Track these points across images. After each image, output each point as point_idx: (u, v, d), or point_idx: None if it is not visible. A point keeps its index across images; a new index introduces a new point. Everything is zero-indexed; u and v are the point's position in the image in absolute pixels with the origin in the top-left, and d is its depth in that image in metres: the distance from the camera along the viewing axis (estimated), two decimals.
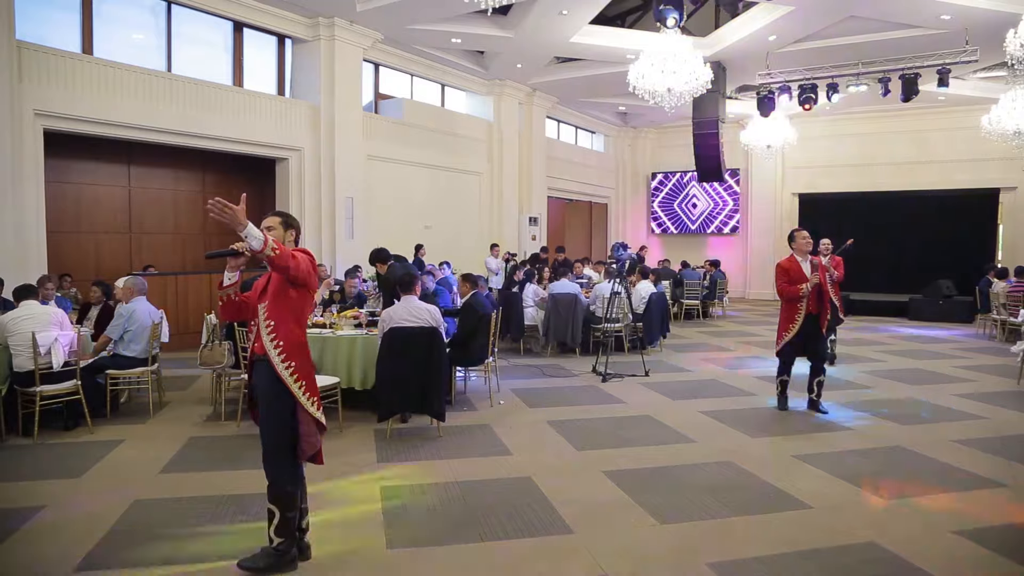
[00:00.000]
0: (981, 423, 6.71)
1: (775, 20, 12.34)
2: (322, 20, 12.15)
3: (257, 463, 5.38)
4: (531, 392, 7.95)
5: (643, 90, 11.12)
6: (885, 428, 6.52)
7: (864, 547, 3.96)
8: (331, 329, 6.98)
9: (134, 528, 4.15)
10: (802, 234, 7.00)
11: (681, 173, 21.63)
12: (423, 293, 6.82)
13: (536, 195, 18.01)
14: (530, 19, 12.51)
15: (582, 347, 10.29)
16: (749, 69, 14.58)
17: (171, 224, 12.46)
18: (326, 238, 12.72)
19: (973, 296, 14.04)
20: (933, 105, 17.12)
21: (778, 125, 16.21)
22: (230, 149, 11.69)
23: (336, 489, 4.82)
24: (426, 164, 15.07)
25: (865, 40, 12.99)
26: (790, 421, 6.77)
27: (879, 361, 10.17)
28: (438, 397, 6.05)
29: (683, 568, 3.70)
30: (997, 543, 3.99)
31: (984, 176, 17.55)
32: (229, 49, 11.98)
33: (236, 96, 11.61)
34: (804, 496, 4.72)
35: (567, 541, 4.02)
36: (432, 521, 4.29)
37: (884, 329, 13.91)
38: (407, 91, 15.34)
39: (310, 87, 12.65)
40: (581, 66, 15.73)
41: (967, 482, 5.04)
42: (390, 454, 5.63)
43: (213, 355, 6.69)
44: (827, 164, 19.61)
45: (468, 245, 15.85)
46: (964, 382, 8.69)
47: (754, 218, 20.87)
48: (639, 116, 20.80)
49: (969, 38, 12.06)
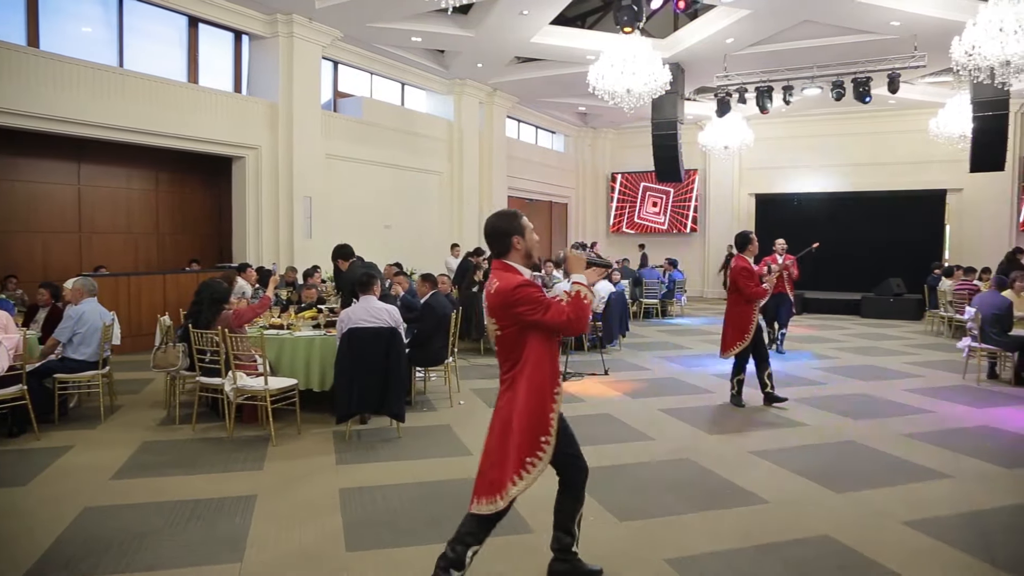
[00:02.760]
0: (929, 417, 6.91)
1: (732, 23, 12.52)
2: (280, 17, 11.99)
3: (212, 467, 5.33)
4: (491, 392, 7.89)
5: (603, 91, 11.20)
6: (838, 423, 6.67)
7: (819, 540, 4.04)
8: (289, 330, 6.89)
9: (84, 537, 4.04)
10: (753, 237, 7.20)
11: (640, 173, 21.82)
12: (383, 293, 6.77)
13: (497, 195, 18.01)
14: (491, 19, 12.50)
15: None
16: (707, 71, 14.77)
17: (123, 223, 12.17)
18: (284, 238, 12.55)
19: (922, 294, 14.44)
20: (884, 108, 17.55)
21: (735, 126, 16.47)
22: (185, 147, 11.47)
23: (294, 492, 4.76)
24: (386, 163, 14.97)
25: (819, 44, 13.26)
26: (746, 418, 6.88)
27: (833, 358, 10.39)
28: (397, 398, 6.02)
29: (642, 564, 3.73)
30: (944, 532, 4.12)
31: (932, 178, 18.06)
32: (184, 45, 11.75)
33: (191, 93, 11.40)
34: (760, 491, 4.80)
35: (527, 540, 4.03)
36: (392, 523, 4.26)
37: (838, 326, 14.22)
38: (367, 90, 15.22)
39: (268, 85, 12.47)
40: (541, 66, 15.78)
41: (916, 474, 5.19)
42: (349, 456, 5.58)
43: (167, 357, 6.55)
44: (783, 165, 19.98)
45: (428, 245, 15.78)
46: (913, 377, 8.92)
47: (712, 218, 21.16)
48: (599, 116, 20.94)
49: (917, 44, 12.40)
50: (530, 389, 3.13)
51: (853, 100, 13.79)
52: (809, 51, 13.50)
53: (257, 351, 6.12)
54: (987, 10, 8.89)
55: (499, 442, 3.14)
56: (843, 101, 14.06)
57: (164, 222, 12.81)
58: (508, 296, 3.08)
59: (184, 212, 13.09)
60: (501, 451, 3.13)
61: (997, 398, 7.77)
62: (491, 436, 3.19)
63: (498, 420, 3.18)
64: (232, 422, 6.03)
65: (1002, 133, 13.06)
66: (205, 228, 13.42)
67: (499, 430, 3.15)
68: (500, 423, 3.16)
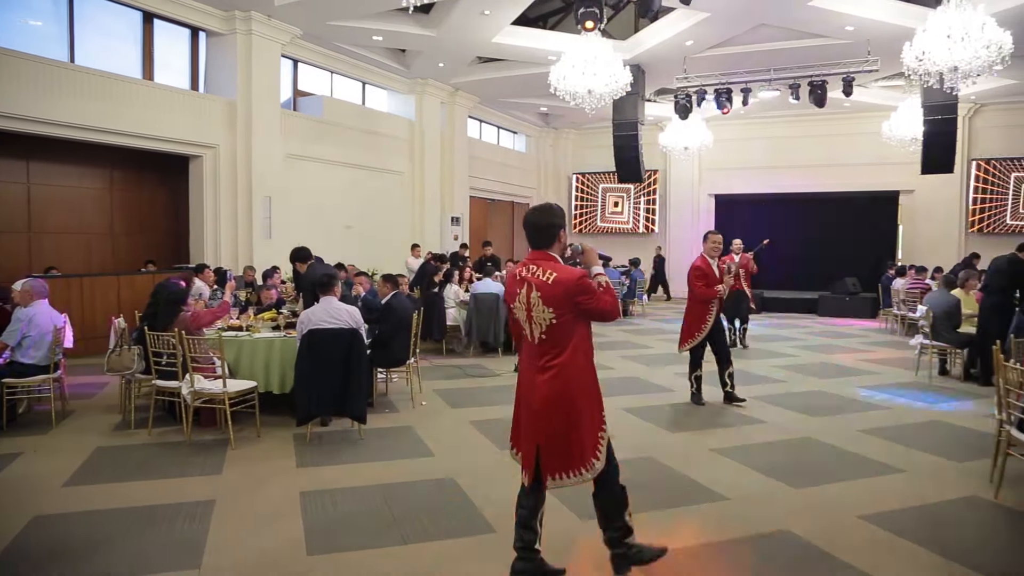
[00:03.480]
0: (883, 413, 7.08)
1: (692, 26, 12.68)
2: (238, 14, 11.81)
3: (169, 472, 5.22)
4: (453, 392, 7.93)
5: (564, 91, 11.25)
6: (796, 420, 6.79)
7: (778, 535, 4.12)
8: (248, 331, 6.79)
9: (33, 547, 3.92)
10: (714, 237, 7.29)
11: (602, 173, 21.96)
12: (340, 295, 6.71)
13: (458, 195, 17.98)
14: (452, 18, 12.48)
15: (504, 346, 10.33)
16: (667, 73, 14.94)
17: (76, 223, 11.87)
18: (242, 238, 12.37)
19: (876, 293, 14.79)
20: (839, 111, 17.93)
21: (695, 128, 16.67)
22: (140, 145, 11.23)
23: (254, 495, 4.69)
24: (347, 163, 14.85)
25: (777, 48, 13.51)
26: (707, 416, 6.96)
27: (791, 356, 10.58)
28: (359, 399, 5.97)
29: (606, 564, 3.75)
30: (897, 525, 4.22)
31: (885, 179, 18.52)
32: (138, 41, 11.50)
33: (146, 90, 11.16)
34: (721, 488, 4.86)
35: (490, 541, 4.03)
36: (353, 525, 4.23)
37: (796, 325, 14.47)
38: (327, 88, 15.08)
39: (226, 82, 12.27)
40: (503, 66, 15.80)
41: (871, 469, 5.31)
42: (310, 458, 5.52)
43: (122, 360, 6.40)
44: (741, 166, 20.28)
45: (390, 245, 15.68)
46: (868, 374, 9.13)
47: (672, 218, 21.39)
48: (560, 117, 21.03)
49: (871, 49, 12.70)
50: (586, 369, 3.38)
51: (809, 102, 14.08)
52: (766, 54, 13.74)
53: (215, 353, 6.02)
54: (936, 17, 9.14)
55: (568, 427, 3.29)
56: (800, 103, 14.35)
57: (119, 222, 12.52)
58: (572, 286, 3.25)
59: (140, 212, 12.82)
60: (575, 434, 3.30)
61: (947, 394, 7.99)
62: (550, 421, 3.30)
63: (555, 407, 3.29)
64: (190, 426, 5.92)
65: (951, 136, 13.45)
66: (162, 228, 13.16)
67: (566, 417, 3.29)
68: (560, 409, 3.29)
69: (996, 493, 4.72)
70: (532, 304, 3.32)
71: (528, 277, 3.35)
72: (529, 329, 3.37)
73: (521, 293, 3.37)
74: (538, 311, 3.31)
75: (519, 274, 3.42)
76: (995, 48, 8.81)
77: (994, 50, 8.82)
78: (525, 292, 3.35)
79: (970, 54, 8.89)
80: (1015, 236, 15.88)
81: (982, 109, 17.92)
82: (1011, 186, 17.67)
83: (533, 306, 3.32)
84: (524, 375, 3.49)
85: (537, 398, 3.32)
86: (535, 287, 3.32)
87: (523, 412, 3.47)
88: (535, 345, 3.37)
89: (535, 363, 3.37)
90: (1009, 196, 17.69)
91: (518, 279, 3.42)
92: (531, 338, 3.38)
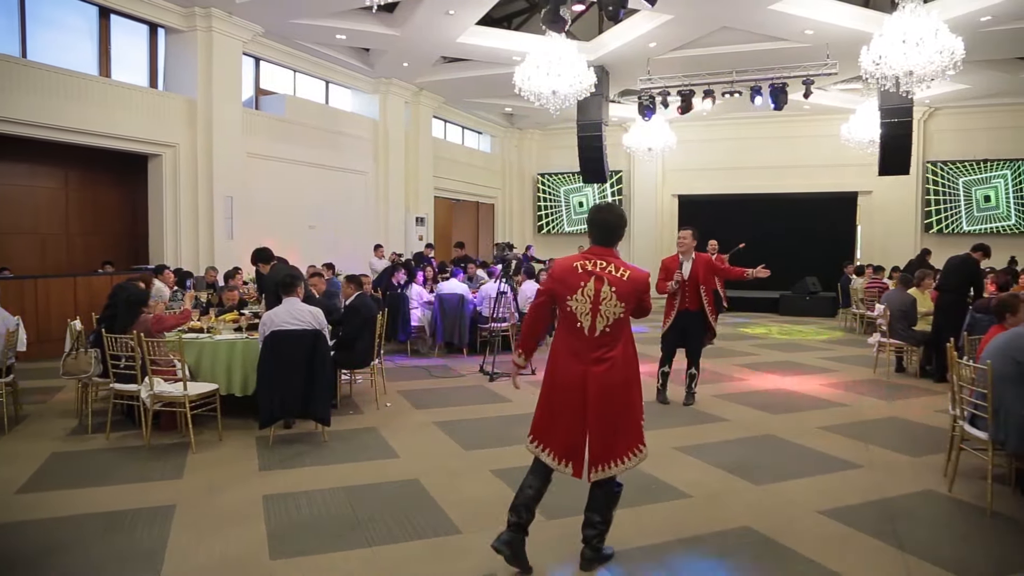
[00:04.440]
0: (842, 410, 7.22)
1: (655, 28, 12.79)
2: (198, 10, 11.61)
3: (128, 477, 5.12)
4: (418, 393, 7.90)
5: (529, 92, 11.26)
6: (758, 418, 6.89)
7: (740, 531, 4.18)
8: (209, 333, 6.68)
9: None
10: (681, 233, 7.42)
11: (566, 174, 22.05)
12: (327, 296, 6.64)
13: (423, 195, 17.89)
14: (416, 18, 12.42)
15: (469, 347, 10.32)
16: (631, 74, 15.04)
17: (29, 223, 11.56)
18: (203, 239, 12.17)
19: (836, 292, 15.07)
20: (800, 113, 18.23)
21: (659, 129, 16.81)
22: (96, 144, 10.97)
23: (215, 500, 4.62)
24: (310, 163, 14.70)
25: (738, 50, 13.69)
26: (670, 415, 7.03)
27: (753, 354, 10.73)
28: (322, 401, 5.92)
29: (571, 561, 3.77)
30: (855, 520, 4.31)
31: (844, 180, 18.86)
32: (94, 36, 11.24)
33: (102, 87, 10.92)
34: (684, 486, 4.92)
35: (456, 542, 4.03)
36: (317, 529, 4.19)
37: (757, 324, 14.69)
38: (290, 87, 14.91)
39: (186, 80, 12.06)
40: (468, 66, 15.76)
41: (830, 465, 5.41)
42: (273, 462, 5.45)
43: (78, 364, 6.26)
44: (704, 167, 20.50)
45: (353, 246, 15.56)
46: (828, 372, 9.30)
47: (636, 218, 21.52)
48: (525, 117, 21.06)
49: (830, 52, 12.93)
50: (636, 359, 3.62)
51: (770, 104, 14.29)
52: (728, 56, 13.91)
53: (176, 356, 5.91)
54: (892, 22, 9.35)
55: (622, 414, 3.52)
56: (761, 105, 14.55)
57: (74, 222, 12.23)
58: (642, 284, 3.56)
59: (97, 212, 12.53)
60: (625, 422, 3.53)
61: (904, 391, 8.17)
62: (606, 407, 3.48)
63: (612, 394, 3.48)
64: (149, 430, 5.81)
65: (907, 139, 13.75)
66: (120, 229, 12.88)
67: (622, 403, 3.51)
68: (617, 396, 3.50)
69: (950, 487, 4.84)
70: (603, 298, 3.46)
71: (598, 272, 3.50)
72: (591, 322, 3.48)
73: (587, 286, 3.49)
74: (608, 305, 3.47)
75: (582, 267, 3.53)
76: (948, 53, 9.04)
77: (947, 55, 9.04)
78: (593, 285, 3.48)
79: (924, 59, 9.10)
80: (969, 237, 16.30)
81: (936, 113, 18.38)
82: (961, 189, 18.15)
83: (603, 300, 3.46)
84: (570, 368, 3.54)
85: (594, 386, 3.46)
86: (608, 281, 3.48)
87: (566, 404, 3.54)
88: (592, 338, 3.49)
89: (588, 355, 3.50)
90: (961, 198, 18.17)
91: (581, 272, 3.52)
92: (590, 331, 3.48)
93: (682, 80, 14.52)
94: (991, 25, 11.77)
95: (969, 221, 18.13)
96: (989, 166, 17.84)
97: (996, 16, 11.47)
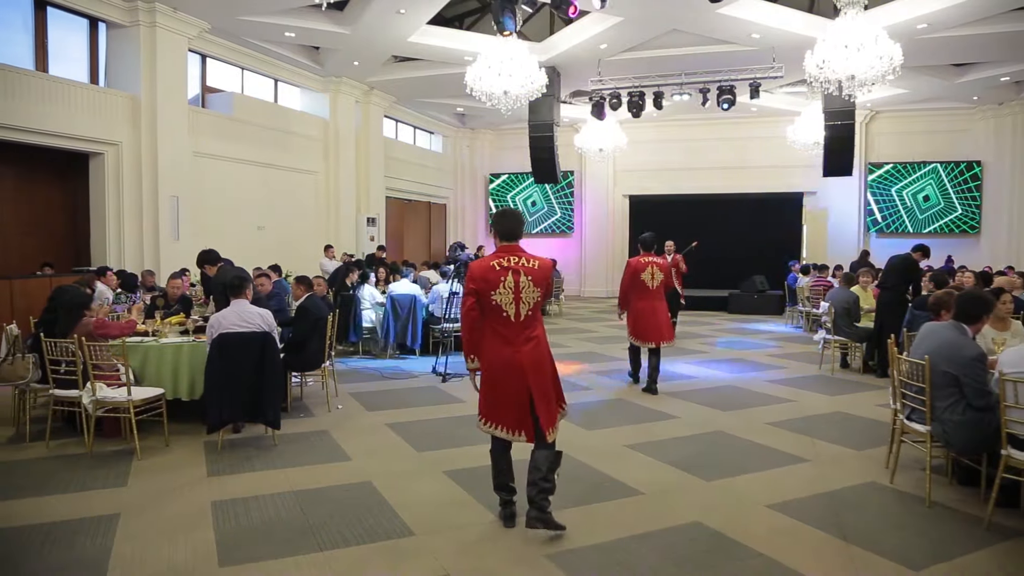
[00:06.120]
0: (789, 406, 7.38)
1: (606, 29, 12.92)
2: (141, 5, 11.31)
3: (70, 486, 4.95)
4: (370, 395, 7.84)
5: (480, 92, 11.25)
6: (707, 415, 7.00)
7: (690, 527, 4.24)
8: (154, 337, 6.52)
9: None
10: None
11: (518, 174, 22.10)
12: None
13: (374, 195, 17.74)
14: (367, 16, 12.31)
15: (422, 348, 10.27)
16: (582, 75, 15.16)
17: None
18: (148, 240, 11.85)
19: (783, 290, 15.41)
20: (748, 115, 18.61)
21: (610, 130, 16.97)
22: (33, 141, 10.58)
23: (162, 507, 4.51)
24: (258, 162, 14.45)
25: (688, 53, 13.91)
26: (622, 413, 7.10)
27: (703, 352, 10.91)
28: (272, 404, 5.83)
29: (524, 562, 3.78)
30: (802, 513, 4.43)
31: (790, 181, 19.33)
32: (29, 29, 10.85)
33: (39, 82, 10.55)
34: (635, 483, 4.98)
35: (409, 543, 4.00)
36: (268, 534, 4.12)
37: (707, 322, 14.93)
38: (237, 85, 14.62)
39: (129, 76, 11.73)
40: (419, 66, 15.70)
41: (777, 460, 5.53)
42: (221, 467, 5.35)
43: (15, 370, 6.04)
44: (655, 168, 20.79)
45: (303, 246, 15.34)
46: (775, 369, 9.51)
47: (588, 219, 21.72)
48: (477, 118, 21.06)
49: (776, 56, 13.24)
50: (545, 335, 4.21)
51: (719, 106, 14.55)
52: (678, 59, 14.13)
53: (119, 360, 5.74)
54: (834, 28, 9.61)
55: (551, 381, 4.20)
56: (709, 106, 14.81)
57: (10, 222, 11.76)
58: (550, 270, 4.18)
59: (34, 212, 12.08)
60: (554, 387, 4.23)
61: (848, 386, 8.40)
62: (540, 378, 4.08)
63: (542, 367, 4.12)
64: (91, 437, 5.63)
65: (850, 141, 14.17)
66: (59, 229, 12.44)
67: (550, 373, 4.19)
68: (546, 368, 4.16)
69: (892, 478, 5.00)
70: (522, 287, 4.01)
71: (514, 266, 4.02)
72: (516, 310, 4.02)
73: (506, 280, 4.01)
74: (527, 292, 4.03)
75: (499, 264, 4.02)
76: (887, 59, 9.33)
77: (886, 61, 9.34)
78: (512, 278, 4.01)
79: (866, 64, 9.38)
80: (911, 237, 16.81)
81: (877, 116, 18.97)
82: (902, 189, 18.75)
83: (523, 288, 4.02)
84: (503, 352, 4.05)
85: (528, 363, 4.03)
86: (524, 272, 4.03)
87: (508, 384, 4.04)
88: (519, 323, 4.04)
89: (518, 337, 4.05)
90: (899, 199, 18.77)
91: (499, 269, 4.02)
92: (516, 317, 4.02)
93: (633, 81, 14.70)
94: (927, 32, 12.21)
95: (914, 224, 18.78)
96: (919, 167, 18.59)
97: (932, 24, 11.90)
